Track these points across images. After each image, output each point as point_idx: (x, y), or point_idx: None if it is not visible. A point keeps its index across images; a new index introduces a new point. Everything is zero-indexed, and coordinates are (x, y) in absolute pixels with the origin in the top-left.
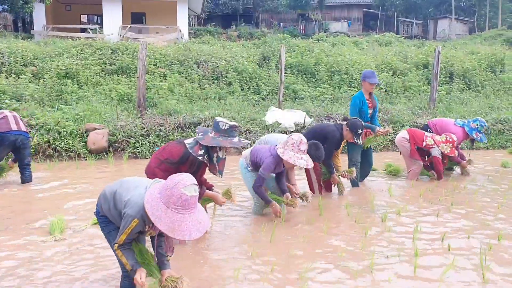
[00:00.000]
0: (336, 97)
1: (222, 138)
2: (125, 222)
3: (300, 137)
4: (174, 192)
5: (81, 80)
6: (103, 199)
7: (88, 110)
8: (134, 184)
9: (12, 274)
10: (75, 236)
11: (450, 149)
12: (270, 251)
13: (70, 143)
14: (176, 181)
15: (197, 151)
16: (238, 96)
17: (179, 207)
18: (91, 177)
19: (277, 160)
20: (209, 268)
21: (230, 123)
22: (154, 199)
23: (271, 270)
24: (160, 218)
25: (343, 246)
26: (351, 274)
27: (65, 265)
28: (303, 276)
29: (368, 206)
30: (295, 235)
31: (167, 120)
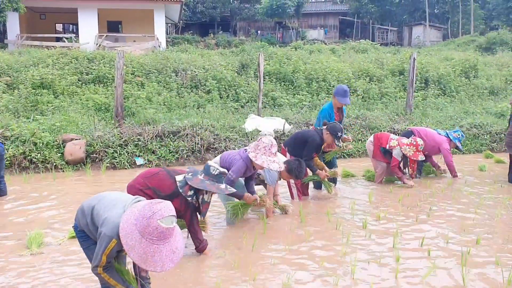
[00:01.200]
0: (315, 104)
1: (210, 182)
2: (103, 242)
3: (270, 139)
4: (151, 222)
5: (57, 90)
6: (80, 214)
7: (64, 121)
8: (112, 202)
9: None
10: (52, 250)
11: (414, 152)
12: (252, 260)
13: (46, 154)
14: (154, 210)
15: (187, 191)
16: (217, 104)
17: (154, 238)
18: (69, 189)
19: (247, 164)
20: (191, 279)
21: (220, 170)
22: (129, 225)
23: (254, 280)
24: (133, 248)
25: (324, 253)
26: (333, 281)
27: (42, 279)
28: (286, 284)
29: (348, 212)
30: (276, 243)
31: (146, 129)
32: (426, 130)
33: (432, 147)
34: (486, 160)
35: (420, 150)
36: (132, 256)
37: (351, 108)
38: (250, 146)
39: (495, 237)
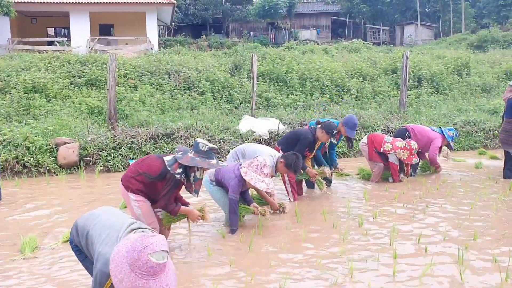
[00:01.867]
0: (309, 104)
1: (201, 159)
2: (100, 279)
3: (265, 160)
4: (141, 256)
5: (49, 94)
6: (75, 232)
7: (57, 124)
8: (106, 231)
9: None
10: (45, 254)
11: (407, 156)
12: (249, 261)
13: (39, 158)
14: (146, 244)
15: (175, 169)
16: (210, 106)
17: (143, 273)
18: (63, 192)
19: (241, 180)
20: (188, 279)
21: (209, 145)
22: (120, 257)
23: (251, 280)
24: (121, 281)
25: (321, 252)
26: (331, 280)
27: (33, 285)
28: (284, 284)
29: (344, 211)
30: (273, 243)
31: (139, 131)
32: (419, 127)
33: (425, 143)
34: (481, 157)
35: (414, 153)
36: None
37: (345, 108)
38: (245, 162)
39: (491, 233)
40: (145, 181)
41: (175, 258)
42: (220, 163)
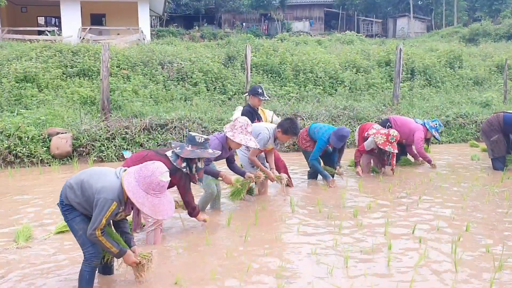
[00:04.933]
0: (302, 95)
1: (200, 150)
2: (103, 207)
3: (246, 119)
4: (153, 180)
5: (41, 84)
6: (68, 190)
7: (50, 114)
8: (102, 173)
9: None
10: (39, 244)
11: (383, 141)
12: (245, 251)
13: (32, 148)
14: (153, 169)
15: (180, 164)
16: (204, 97)
17: (157, 192)
18: (56, 183)
19: (223, 143)
20: (184, 269)
21: (204, 137)
22: (133, 187)
23: (247, 270)
24: (143, 204)
25: (316, 243)
26: (326, 270)
27: (26, 274)
28: (279, 274)
29: (339, 202)
30: (268, 233)
31: (133, 122)
32: (402, 118)
33: (408, 135)
34: (473, 150)
35: (390, 140)
36: (145, 210)
37: (339, 100)
38: (226, 126)
39: (484, 223)
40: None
41: (168, 245)
42: (216, 151)
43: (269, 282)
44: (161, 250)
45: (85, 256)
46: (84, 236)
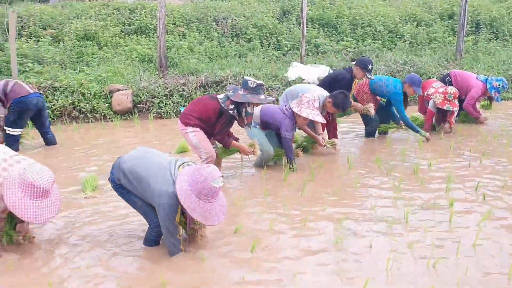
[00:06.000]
0: (360, 50)
1: (251, 95)
2: (170, 210)
3: (313, 95)
4: (205, 185)
5: (100, 42)
6: (121, 175)
7: (110, 72)
8: (157, 169)
9: (40, 227)
10: (104, 194)
11: (441, 100)
12: (302, 205)
13: (94, 104)
14: (206, 175)
15: (228, 105)
16: (258, 53)
17: (209, 198)
18: (118, 137)
19: (292, 119)
20: (244, 219)
21: (257, 82)
22: (186, 192)
23: (305, 222)
24: (194, 209)
25: (375, 198)
26: (386, 224)
27: (95, 222)
28: (338, 228)
29: (399, 159)
30: (325, 188)
31: (189, 79)
32: (463, 73)
33: (466, 91)
34: None
35: (448, 98)
36: (195, 216)
37: (399, 54)
38: (292, 103)
39: None
40: (203, 117)
41: (234, 195)
42: (268, 97)
43: (328, 234)
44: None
45: (150, 225)
46: (144, 206)
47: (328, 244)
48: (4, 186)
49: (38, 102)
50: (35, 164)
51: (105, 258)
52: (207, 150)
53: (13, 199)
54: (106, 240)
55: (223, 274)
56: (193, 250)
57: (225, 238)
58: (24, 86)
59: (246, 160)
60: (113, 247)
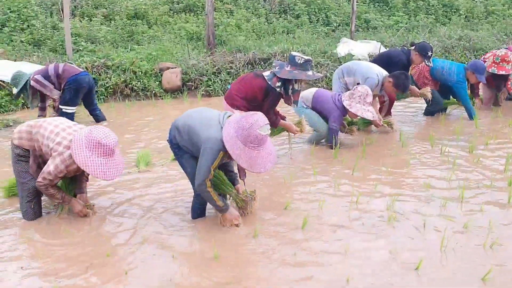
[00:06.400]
0: (412, 25)
1: (298, 72)
2: (210, 156)
3: (366, 89)
4: (251, 132)
5: (150, 20)
6: (176, 132)
7: (159, 50)
8: (206, 121)
9: (96, 199)
10: (157, 169)
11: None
12: (353, 183)
13: (145, 82)
14: (252, 122)
15: (275, 82)
16: (307, 29)
17: (255, 145)
18: (168, 115)
19: (343, 112)
20: (293, 197)
21: (305, 57)
22: (232, 138)
23: (356, 201)
24: (240, 156)
25: (429, 176)
26: (440, 204)
27: (148, 194)
28: (391, 206)
29: (453, 138)
30: (377, 166)
31: (237, 57)
32: None
33: None
34: None
35: (496, 61)
36: (241, 163)
37: (453, 29)
38: (344, 95)
39: None
40: (248, 97)
41: (282, 173)
42: (316, 74)
43: (380, 212)
44: (271, 180)
45: (195, 192)
46: (192, 172)
47: (381, 222)
48: (72, 148)
49: (89, 80)
50: (99, 126)
51: (158, 231)
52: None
53: (82, 158)
54: (160, 212)
55: (273, 251)
56: (244, 226)
57: (275, 215)
58: (73, 66)
59: (294, 137)
60: (167, 220)
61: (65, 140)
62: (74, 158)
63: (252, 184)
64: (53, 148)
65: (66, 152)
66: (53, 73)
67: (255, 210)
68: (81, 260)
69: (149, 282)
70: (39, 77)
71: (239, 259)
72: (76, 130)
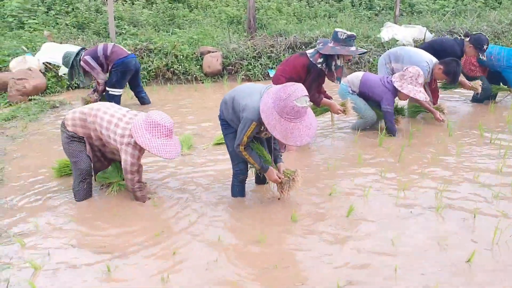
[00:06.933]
0: (459, 9)
1: (340, 47)
2: (244, 125)
3: (417, 70)
4: (288, 103)
5: (191, 4)
6: (224, 105)
7: (200, 34)
8: (249, 91)
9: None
10: (199, 152)
11: None
12: (399, 171)
13: (186, 66)
14: (289, 92)
15: (316, 59)
16: (349, 13)
17: (291, 117)
18: (208, 99)
19: (394, 93)
20: (337, 183)
21: (348, 33)
22: (268, 108)
23: (403, 190)
24: (274, 127)
25: (478, 166)
26: (491, 194)
27: (193, 177)
28: (439, 196)
29: (503, 126)
30: (424, 154)
31: (278, 41)
32: None
33: None
34: None
35: None
36: (275, 134)
37: (504, 14)
38: (395, 76)
39: None
40: (293, 77)
41: (325, 157)
42: (360, 49)
43: (427, 201)
44: (315, 165)
45: (234, 171)
46: (234, 152)
47: (429, 212)
48: (133, 133)
49: (136, 63)
50: (155, 111)
51: (203, 213)
52: None
53: (145, 140)
54: (205, 192)
55: (319, 237)
56: (288, 209)
57: (320, 201)
58: (122, 48)
59: (338, 119)
60: (211, 203)
61: (126, 130)
62: (137, 141)
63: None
64: (117, 141)
65: (132, 140)
66: (102, 54)
67: (296, 191)
68: (130, 239)
69: (196, 262)
70: (88, 58)
71: (282, 241)
72: (131, 117)
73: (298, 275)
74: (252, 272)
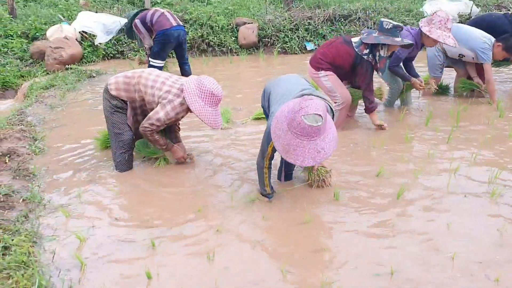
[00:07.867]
0: None
1: (384, 37)
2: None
3: (447, 13)
4: (296, 117)
5: None
6: (264, 95)
7: (236, 4)
8: (283, 91)
9: None
10: (238, 126)
11: None
12: (449, 152)
13: (222, 38)
14: (302, 106)
15: (362, 50)
16: None
17: (298, 133)
18: (244, 72)
19: (416, 40)
20: (384, 163)
21: (393, 23)
22: (282, 116)
23: (455, 172)
24: (279, 137)
25: None
26: None
27: (233, 153)
28: (493, 179)
29: None
30: (474, 135)
31: (316, 13)
32: None
33: None
34: None
35: None
36: (276, 145)
37: None
38: (422, 20)
39: None
40: (335, 63)
41: (370, 138)
42: (405, 40)
43: (481, 185)
44: (361, 145)
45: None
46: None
47: (484, 196)
48: (186, 97)
49: (179, 35)
50: (207, 77)
51: (246, 191)
52: (342, 95)
53: (198, 107)
54: (246, 169)
55: (368, 220)
56: (332, 191)
57: (368, 182)
58: (168, 18)
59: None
60: (253, 177)
61: (173, 89)
62: (190, 106)
63: (342, 149)
64: (161, 96)
65: (176, 100)
66: (149, 20)
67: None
68: (173, 214)
69: (239, 240)
70: (138, 21)
71: (326, 223)
72: (175, 81)
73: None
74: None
